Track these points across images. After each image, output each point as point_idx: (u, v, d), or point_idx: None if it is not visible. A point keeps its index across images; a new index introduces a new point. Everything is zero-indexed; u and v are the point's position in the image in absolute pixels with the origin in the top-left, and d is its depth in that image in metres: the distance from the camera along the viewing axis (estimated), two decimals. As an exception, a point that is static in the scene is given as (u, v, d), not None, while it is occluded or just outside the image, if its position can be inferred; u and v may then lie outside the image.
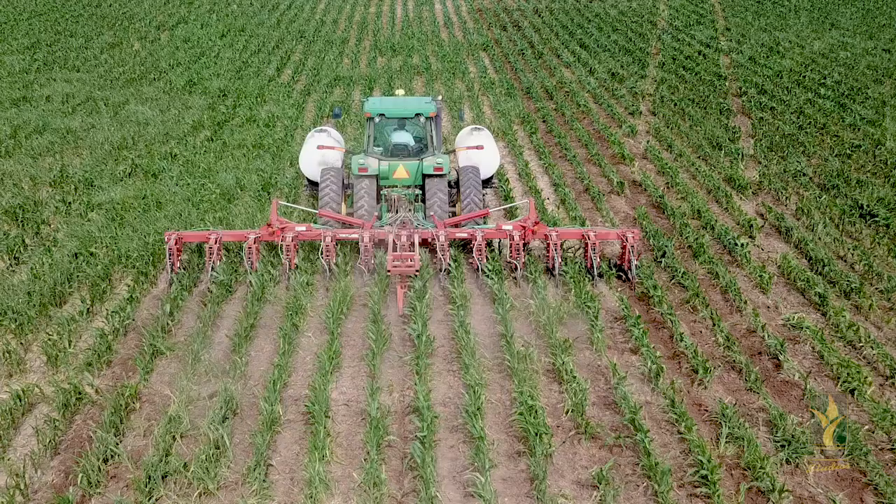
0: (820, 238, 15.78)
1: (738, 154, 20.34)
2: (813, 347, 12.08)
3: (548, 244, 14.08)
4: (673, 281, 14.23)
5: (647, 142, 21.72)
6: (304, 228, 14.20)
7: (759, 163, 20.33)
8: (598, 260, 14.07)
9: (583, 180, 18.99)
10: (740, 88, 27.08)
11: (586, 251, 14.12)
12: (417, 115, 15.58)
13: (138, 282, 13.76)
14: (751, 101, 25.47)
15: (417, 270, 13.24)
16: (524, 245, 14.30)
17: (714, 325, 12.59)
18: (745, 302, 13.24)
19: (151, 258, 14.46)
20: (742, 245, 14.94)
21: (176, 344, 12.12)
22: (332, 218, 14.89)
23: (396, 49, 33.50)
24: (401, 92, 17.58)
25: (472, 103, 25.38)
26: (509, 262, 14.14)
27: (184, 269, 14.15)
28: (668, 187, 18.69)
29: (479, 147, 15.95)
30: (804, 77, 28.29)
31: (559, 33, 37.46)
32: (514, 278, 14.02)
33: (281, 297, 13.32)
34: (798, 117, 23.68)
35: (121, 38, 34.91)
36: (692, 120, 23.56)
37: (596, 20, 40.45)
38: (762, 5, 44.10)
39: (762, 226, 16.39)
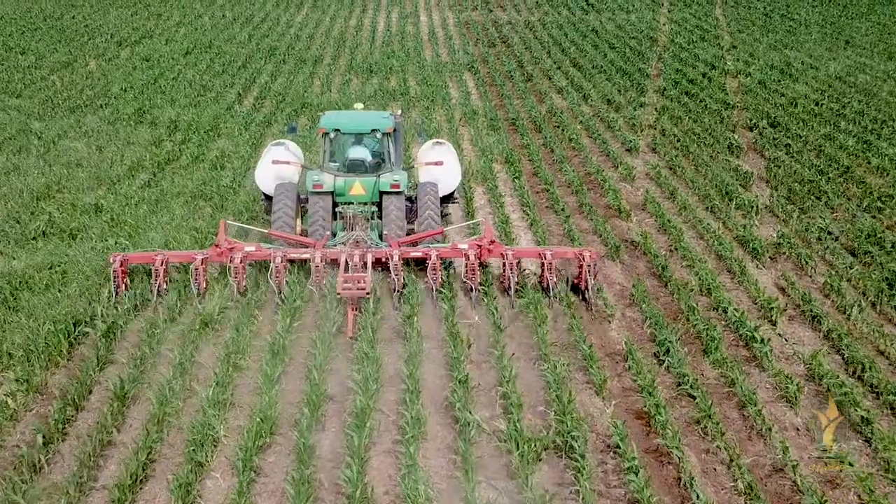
0: (856, 325, 13.13)
1: (752, 207, 17.64)
2: (859, 497, 9.44)
3: (503, 264, 13.85)
4: (679, 388, 11.60)
5: (647, 189, 19.03)
6: (253, 248, 13.80)
7: (777, 216, 17.64)
8: (556, 280, 13.74)
9: (573, 240, 16.29)
10: (750, 120, 24.37)
11: (542, 271, 13.89)
12: (374, 130, 15.04)
13: (17, 393, 11.06)
14: (763, 136, 22.77)
15: (368, 293, 12.68)
16: (480, 264, 14.01)
17: (731, 460, 9.95)
18: (770, 427, 10.57)
19: (41, 356, 11.76)
20: (763, 341, 12.26)
21: (46, 491, 9.44)
22: (283, 238, 14.43)
23: (374, 69, 30.80)
24: (360, 106, 16.67)
25: (451, 137, 22.68)
26: (465, 282, 13.78)
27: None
28: (671, 251, 16.00)
29: (439, 163, 15.33)
30: (821, 105, 25.59)
31: (551, 51, 34.72)
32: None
33: (185, 423, 10.61)
34: (818, 157, 20.97)
35: (76, 56, 32.18)
36: (697, 160, 20.85)
37: (591, 35, 37.72)
38: (770, 19, 41.32)
39: (785, 307, 13.71)
